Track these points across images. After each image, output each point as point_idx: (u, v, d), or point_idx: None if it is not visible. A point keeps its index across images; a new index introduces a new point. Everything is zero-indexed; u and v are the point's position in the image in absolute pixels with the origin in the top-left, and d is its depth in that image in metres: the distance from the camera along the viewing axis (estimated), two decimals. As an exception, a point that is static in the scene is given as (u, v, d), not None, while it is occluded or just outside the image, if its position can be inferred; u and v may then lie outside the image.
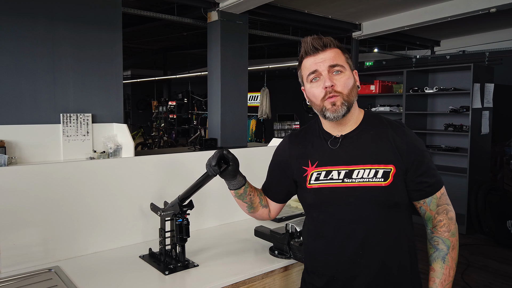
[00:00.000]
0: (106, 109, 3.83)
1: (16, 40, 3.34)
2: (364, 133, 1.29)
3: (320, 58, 1.25)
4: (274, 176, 1.46)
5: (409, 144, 1.25)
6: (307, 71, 1.27)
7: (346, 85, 1.24)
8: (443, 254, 1.28)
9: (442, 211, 1.28)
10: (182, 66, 12.08)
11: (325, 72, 1.23)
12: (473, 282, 3.57)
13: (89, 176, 1.66)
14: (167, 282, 1.42)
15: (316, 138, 1.35)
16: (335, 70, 1.24)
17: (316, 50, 1.25)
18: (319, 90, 1.24)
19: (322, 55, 1.25)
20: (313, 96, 1.27)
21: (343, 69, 1.25)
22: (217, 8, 4.59)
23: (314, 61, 1.25)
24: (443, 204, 1.29)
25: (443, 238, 1.28)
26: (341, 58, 1.26)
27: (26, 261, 1.50)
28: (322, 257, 1.31)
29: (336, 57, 1.25)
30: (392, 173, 1.22)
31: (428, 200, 1.28)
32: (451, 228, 1.28)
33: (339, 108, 1.23)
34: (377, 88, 5.92)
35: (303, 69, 1.30)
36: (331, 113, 1.24)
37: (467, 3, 4.65)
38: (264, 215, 1.51)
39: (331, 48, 1.26)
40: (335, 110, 1.23)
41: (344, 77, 1.24)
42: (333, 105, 1.23)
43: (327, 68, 1.23)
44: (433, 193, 1.27)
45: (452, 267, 1.28)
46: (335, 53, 1.25)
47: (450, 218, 1.29)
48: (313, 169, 1.30)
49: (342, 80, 1.24)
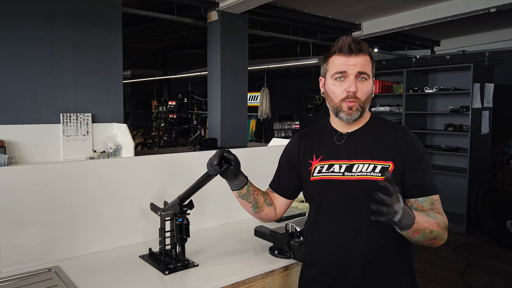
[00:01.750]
0: (106, 109, 3.83)
1: (16, 40, 3.34)
2: (368, 131, 1.34)
3: (352, 62, 1.27)
4: (283, 171, 1.50)
5: (409, 144, 1.30)
6: (336, 69, 1.29)
7: (366, 93, 1.29)
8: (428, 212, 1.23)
9: (435, 210, 1.26)
10: (182, 66, 12.07)
11: (353, 76, 1.27)
12: (473, 282, 3.58)
13: (89, 176, 1.66)
14: (167, 282, 1.42)
15: (323, 135, 1.41)
16: (361, 77, 1.28)
17: (351, 52, 1.27)
18: (341, 90, 1.29)
19: (355, 58, 1.27)
20: (333, 94, 1.31)
21: (368, 78, 1.29)
22: (217, 8, 4.59)
23: (345, 62, 1.28)
24: (438, 208, 1.28)
25: (433, 212, 1.24)
26: (369, 66, 1.30)
27: (26, 261, 1.50)
28: (318, 247, 1.35)
29: (366, 64, 1.29)
30: (390, 169, 1.26)
31: (420, 200, 1.28)
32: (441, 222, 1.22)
33: (354, 113, 1.29)
34: (377, 88, 5.92)
35: (330, 64, 1.32)
36: (345, 115, 1.29)
37: (467, 3, 4.65)
38: (270, 214, 1.51)
39: (364, 55, 1.29)
40: (350, 113, 1.29)
41: (367, 85, 1.29)
42: (350, 109, 1.28)
43: (356, 73, 1.27)
44: (427, 195, 1.28)
45: (431, 223, 1.18)
46: (366, 60, 1.29)
47: (442, 215, 1.25)
48: (317, 162, 1.36)
49: (364, 87, 1.29)
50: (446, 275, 3.70)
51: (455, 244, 4.51)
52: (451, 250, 4.34)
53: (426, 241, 1.20)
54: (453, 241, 4.60)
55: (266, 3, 4.38)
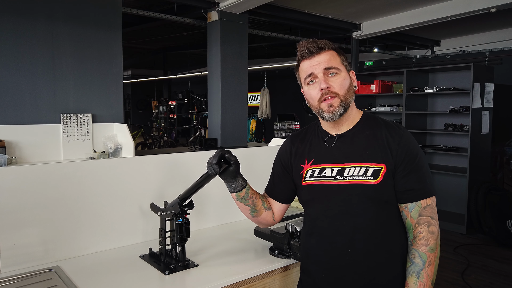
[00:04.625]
0: (106, 109, 3.83)
1: (16, 40, 3.34)
2: (359, 133, 1.31)
3: (316, 61, 1.28)
4: (277, 176, 1.47)
5: (401, 144, 1.25)
6: (304, 74, 1.31)
7: (343, 86, 1.27)
8: (418, 269, 1.21)
9: (423, 222, 1.23)
10: (182, 66, 12.07)
11: (321, 74, 1.27)
12: (473, 282, 3.57)
13: (89, 176, 1.66)
14: (167, 282, 1.42)
15: (314, 137, 1.39)
16: (331, 72, 1.27)
17: (311, 53, 1.28)
18: (315, 92, 1.28)
19: (317, 58, 1.28)
20: (311, 98, 1.31)
21: (338, 71, 1.28)
22: (217, 8, 4.59)
23: (310, 64, 1.29)
24: (427, 215, 1.23)
25: (419, 252, 1.22)
26: (336, 60, 1.29)
27: (26, 261, 1.50)
28: (314, 253, 1.33)
29: (331, 59, 1.28)
30: (382, 172, 1.23)
31: (410, 206, 1.24)
32: (430, 242, 1.22)
33: (336, 109, 1.27)
34: (377, 88, 5.92)
35: (300, 72, 1.33)
36: (328, 114, 1.28)
37: (467, 3, 4.65)
38: (268, 219, 1.49)
39: (325, 51, 1.28)
40: (331, 111, 1.27)
41: (339, 78, 1.27)
42: (330, 106, 1.27)
43: (323, 70, 1.27)
44: (416, 200, 1.23)
45: (427, 284, 1.20)
46: (329, 55, 1.28)
47: (431, 232, 1.23)
48: (309, 166, 1.34)
49: (338, 81, 1.27)
50: (447, 275, 3.70)
51: (455, 244, 4.51)
52: (451, 250, 4.33)
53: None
54: (453, 241, 4.59)
55: (266, 3, 4.38)
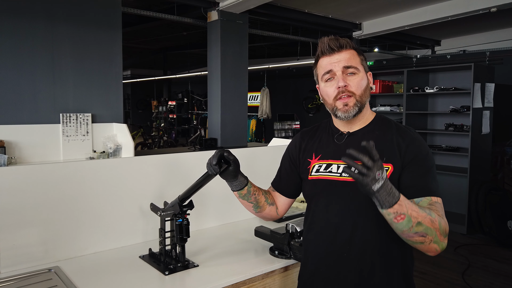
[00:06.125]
0: (106, 109, 3.83)
1: (16, 40, 3.34)
2: (370, 133, 1.31)
3: (336, 59, 1.27)
4: (285, 170, 1.49)
5: (410, 145, 1.24)
6: (323, 70, 1.30)
7: (360, 86, 1.27)
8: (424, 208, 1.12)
9: (434, 209, 1.15)
10: (182, 66, 12.07)
11: (339, 72, 1.27)
12: (473, 282, 3.57)
13: (89, 176, 1.66)
14: (167, 282, 1.42)
15: (324, 134, 1.40)
16: (349, 72, 1.27)
17: (332, 50, 1.28)
18: (332, 89, 1.28)
19: (337, 55, 1.27)
20: (326, 95, 1.31)
21: (357, 71, 1.28)
22: (217, 8, 4.58)
23: (329, 61, 1.28)
24: (437, 210, 1.16)
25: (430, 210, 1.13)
26: (356, 59, 1.28)
27: (26, 261, 1.50)
28: (312, 248, 1.34)
29: (351, 58, 1.27)
30: (389, 172, 1.22)
31: (417, 200, 1.18)
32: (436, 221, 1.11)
33: (351, 109, 1.27)
34: (378, 87, 5.92)
35: (318, 68, 1.33)
36: (342, 113, 1.27)
37: (467, 3, 4.64)
38: (272, 213, 1.52)
39: (347, 50, 1.28)
40: (346, 110, 1.27)
41: (357, 78, 1.27)
42: (345, 105, 1.27)
43: (342, 68, 1.27)
44: (424, 195, 1.18)
45: (421, 215, 1.08)
46: (350, 54, 1.28)
47: (442, 218, 1.14)
48: (316, 161, 1.35)
49: (355, 81, 1.27)
50: (447, 275, 3.69)
51: (455, 244, 4.51)
52: (451, 250, 4.33)
53: (413, 235, 1.09)
54: (454, 241, 4.59)
55: (266, 3, 4.38)
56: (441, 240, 1.12)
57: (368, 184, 1.00)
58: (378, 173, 0.99)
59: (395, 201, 1.04)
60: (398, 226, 1.08)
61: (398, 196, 1.05)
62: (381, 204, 1.04)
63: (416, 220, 1.07)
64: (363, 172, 0.99)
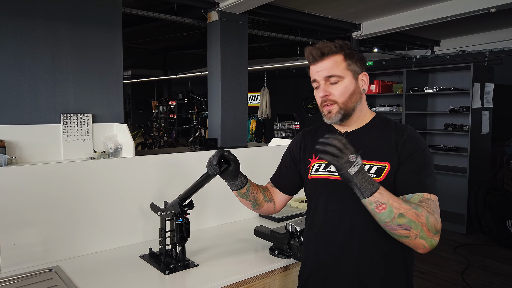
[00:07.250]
0: (106, 109, 3.83)
1: (16, 40, 3.34)
2: (369, 132, 1.32)
3: (319, 67, 1.29)
4: (285, 168, 1.52)
5: (407, 141, 1.24)
6: (311, 78, 1.34)
7: (342, 94, 1.28)
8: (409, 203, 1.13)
9: (424, 206, 1.14)
10: (182, 66, 12.07)
11: (322, 82, 1.29)
12: (473, 282, 3.58)
13: (89, 176, 1.66)
14: (167, 282, 1.42)
15: (325, 133, 1.39)
16: (331, 81, 1.28)
17: (315, 60, 1.30)
18: (318, 97, 1.32)
19: (320, 64, 1.29)
20: (317, 101, 1.35)
21: (340, 78, 1.28)
22: (217, 8, 4.59)
23: (314, 70, 1.31)
24: (428, 206, 1.14)
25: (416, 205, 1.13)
26: (340, 66, 1.27)
27: (26, 261, 1.50)
28: (312, 246, 1.35)
29: (334, 66, 1.27)
30: (386, 170, 1.22)
31: (408, 196, 1.17)
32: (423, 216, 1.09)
33: (333, 116, 1.30)
34: (377, 88, 5.92)
35: (310, 75, 1.36)
36: (327, 119, 1.32)
37: (467, 3, 4.65)
38: (269, 209, 1.55)
39: (329, 57, 1.28)
40: (329, 117, 1.31)
41: (340, 86, 1.28)
42: (329, 112, 1.30)
43: (323, 78, 1.28)
44: (416, 191, 1.17)
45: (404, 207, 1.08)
46: (333, 62, 1.27)
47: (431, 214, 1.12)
48: (316, 161, 1.38)
49: (338, 89, 1.28)
50: (446, 275, 3.70)
51: (455, 244, 4.51)
52: (451, 250, 4.34)
53: (396, 227, 1.08)
54: (453, 241, 4.60)
55: (266, 3, 4.38)
56: (429, 237, 1.10)
57: (344, 166, 1.05)
58: (351, 156, 1.05)
59: (375, 189, 1.07)
60: (380, 217, 1.10)
61: (377, 185, 1.09)
62: (362, 193, 1.08)
63: (398, 211, 1.08)
64: (335, 154, 1.05)
